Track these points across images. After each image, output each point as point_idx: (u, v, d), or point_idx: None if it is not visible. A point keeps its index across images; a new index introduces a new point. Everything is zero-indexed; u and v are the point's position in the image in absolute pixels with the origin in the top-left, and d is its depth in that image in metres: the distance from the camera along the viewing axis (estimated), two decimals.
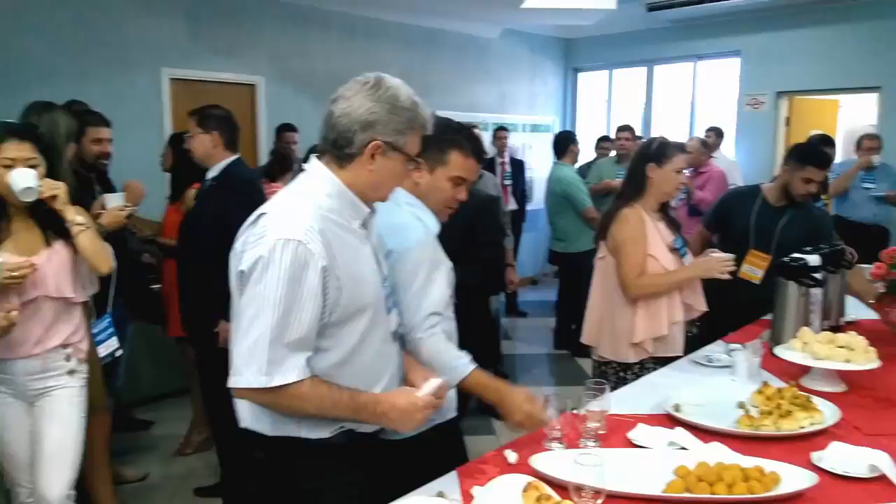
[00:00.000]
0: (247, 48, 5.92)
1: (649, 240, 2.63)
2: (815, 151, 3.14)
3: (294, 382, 1.42)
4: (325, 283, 1.45)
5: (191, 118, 3.03)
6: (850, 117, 8.11)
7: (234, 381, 1.44)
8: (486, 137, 6.90)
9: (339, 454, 1.57)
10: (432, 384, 1.58)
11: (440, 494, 1.47)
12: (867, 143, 5.69)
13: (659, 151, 2.64)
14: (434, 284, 1.82)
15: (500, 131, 7.12)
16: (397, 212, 1.82)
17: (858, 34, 6.59)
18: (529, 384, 5.29)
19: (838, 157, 4.97)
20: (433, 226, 1.88)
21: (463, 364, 1.82)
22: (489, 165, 6.17)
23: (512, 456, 1.67)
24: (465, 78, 7.75)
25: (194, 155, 3.04)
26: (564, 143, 5.84)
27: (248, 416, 1.57)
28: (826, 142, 4.17)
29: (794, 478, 1.52)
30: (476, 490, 1.47)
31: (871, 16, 6.49)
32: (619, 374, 2.67)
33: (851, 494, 1.50)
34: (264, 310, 1.40)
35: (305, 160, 1.63)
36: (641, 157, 2.69)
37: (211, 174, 3.01)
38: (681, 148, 2.71)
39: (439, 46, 7.42)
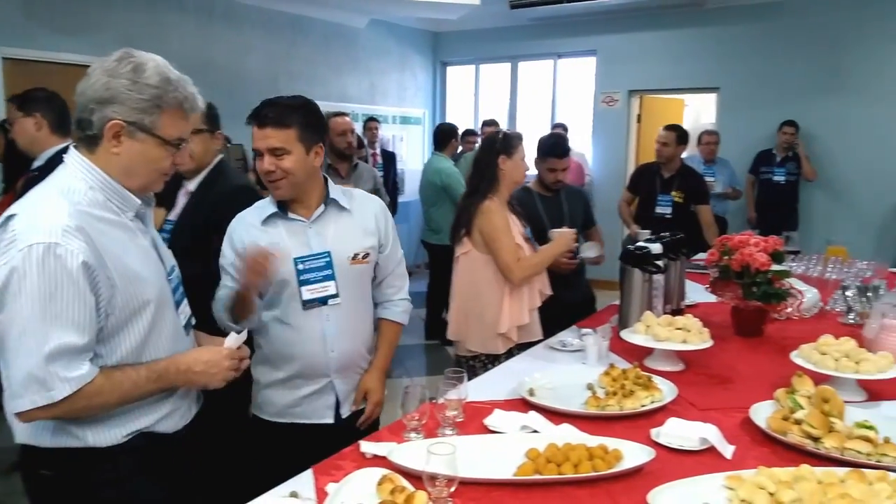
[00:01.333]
0: (92, 28, 5.47)
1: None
2: (552, 143, 3.38)
3: (84, 385, 1.33)
4: (94, 284, 1.34)
5: (11, 103, 2.78)
6: (694, 115, 8.78)
7: (16, 406, 1.31)
8: (357, 129, 6.82)
9: (138, 458, 1.48)
10: (235, 338, 1.59)
11: (293, 494, 1.43)
12: (706, 139, 6.28)
13: (507, 143, 2.77)
14: None
15: (371, 122, 7.07)
16: None
17: (702, 38, 7.15)
18: (401, 375, 5.34)
19: (685, 153, 5.37)
20: None
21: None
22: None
23: (370, 450, 1.65)
24: (334, 67, 7.62)
25: (18, 143, 2.78)
26: (447, 136, 5.90)
27: (23, 430, 1.42)
28: (668, 126, 4.61)
29: (634, 454, 1.61)
30: (331, 487, 1.45)
31: (713, 22, 7.06)
32: (487, 366, 2.76)
33: (685, 466, 1.62)
34: (30, 324, 1.29)
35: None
36: (491, 151, 2.78)
37: (37, 163, 2.76)
38: (521, 137, 2.87)
39: (305, 34, 7.24)
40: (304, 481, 1.53)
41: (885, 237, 6.32)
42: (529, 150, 2.95)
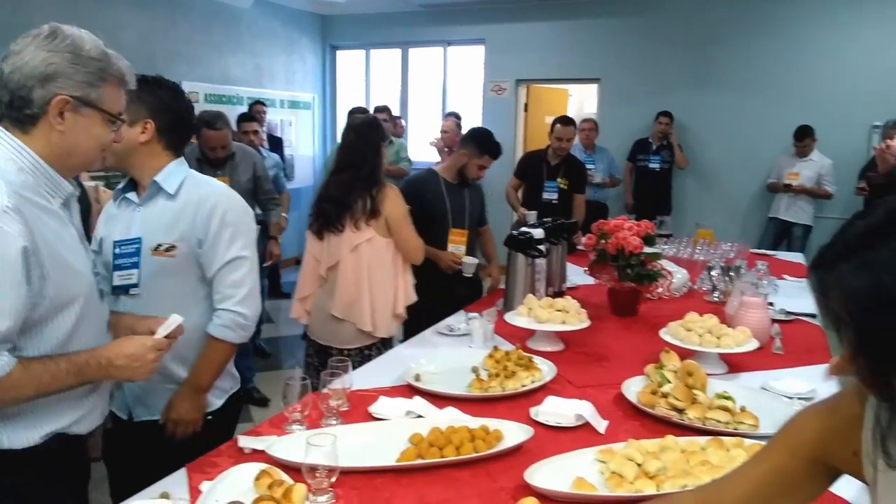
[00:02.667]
0: None
1: None
2: (493, 143, 3.39)
3: (2, 378, 1.24)
4: (28, 272, 1.25)
5: None
6: (578, 105, 9.11)
7: None
8: (241, 109, 6.56)
9: (50, 462, 1.39)
10: (174, 320, 1.51)
11: (164, 495, 1.36)
12: (582, 125, 6.54)
13: (384, 132, 2.87)
14: None
15: (258, 105, 6.81)
16: None
17: (584, 30, 7.40)
18: (293, 366, 5.23)
19: None
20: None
21: None
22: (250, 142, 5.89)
23: (248, 444, 1.60)
24: (216, 48, 7.28)
25: None
26: None
27: None
28: (567, 121, 4.73)
29: (514, 433, 1.66)
30: (205, 485, 1.39)
31: (595, 14, 7.33)
32: (381, 350, 2.79)
33: (561, 442, 1.68)
34: None
35: None
36: (378, 136, 2.79)
37: None
38: None
39: (184, 12, 6.87)
40: (176, 480, 1.46)
41: (749, 220, 6.83)
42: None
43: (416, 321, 2.87)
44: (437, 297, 3.05)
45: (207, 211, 1.81)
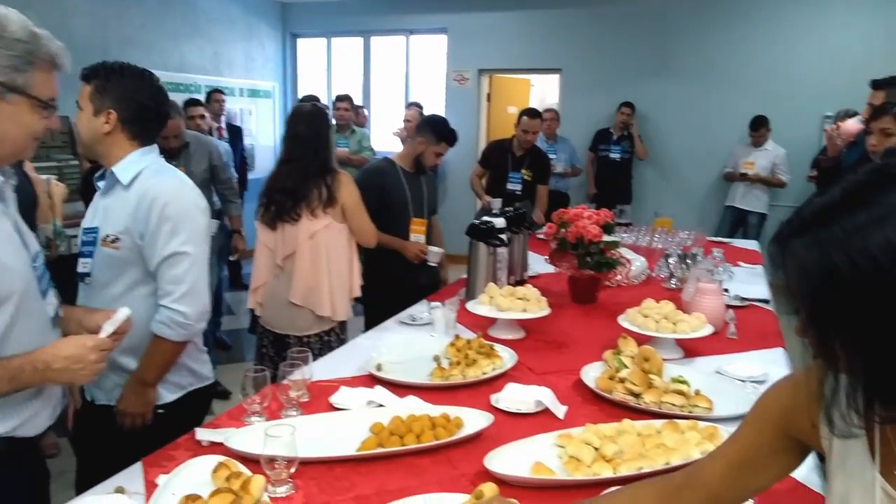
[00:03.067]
0: None
1: None
2: (450, 130, 3.38)
3: None
4: None
5: None
6: (540, 95, 9.15)
7: None
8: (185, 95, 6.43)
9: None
10: (122, 315, 1.46)
11: (119, 490, 1.34)
12: (545, 115, 6.55)
13: (330, 121, 2.90)
14: None
15: (216, 94, 6.69)
16: None
17: (546, 20, 7.43)
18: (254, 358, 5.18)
19: None
20: None
21: None
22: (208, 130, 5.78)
23: (205, 437, 1.58)
24: (171, 35, 7.12)
25: None
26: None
27: None
28: (534, 114, 4.74)
29: (474, 420, 1.67)
30: (162, 479, 1.37)
31: (557, 4, 7.36)
32: (340, 337, 2.82)
33: (520, 428, 1.70)
34: None
35: None
36: (326, 127, 2.80)
37: None
38: None
39: None
40: (132, 475, 1.43)
41: (706, 208, 6.97)
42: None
43: (378, 311, 2.87)
44: (399, 286, 3.06)
45: (148, 203, 1.77)
